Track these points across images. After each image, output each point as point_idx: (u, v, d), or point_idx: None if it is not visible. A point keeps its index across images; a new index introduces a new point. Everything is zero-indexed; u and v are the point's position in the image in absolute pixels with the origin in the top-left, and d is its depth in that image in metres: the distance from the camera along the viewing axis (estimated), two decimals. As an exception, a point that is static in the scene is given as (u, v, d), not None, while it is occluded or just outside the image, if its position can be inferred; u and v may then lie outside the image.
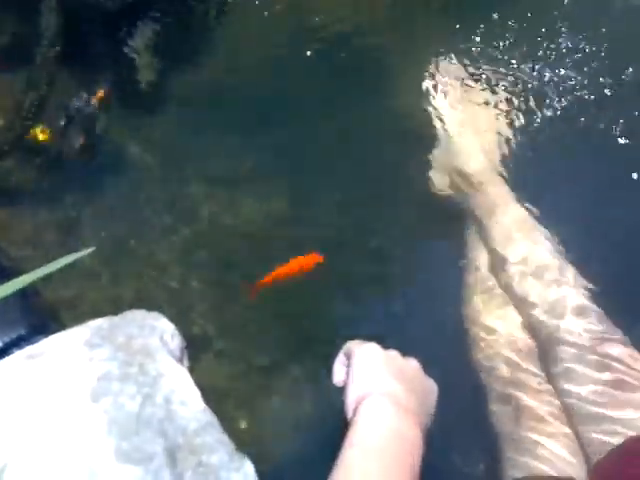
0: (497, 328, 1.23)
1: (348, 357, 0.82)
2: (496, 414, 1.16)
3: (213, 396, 1.26)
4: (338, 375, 0.83)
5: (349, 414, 0.76)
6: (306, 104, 1.55)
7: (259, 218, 1.43)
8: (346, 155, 1.51)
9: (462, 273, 1.32)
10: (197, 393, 0.62)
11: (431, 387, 0.84)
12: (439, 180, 1.42)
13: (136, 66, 1.51)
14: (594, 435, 1.04)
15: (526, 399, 1.13)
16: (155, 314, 0.71)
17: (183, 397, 0.60)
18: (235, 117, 1.52)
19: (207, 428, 0.59)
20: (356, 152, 1.51)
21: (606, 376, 1.07)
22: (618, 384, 1.05)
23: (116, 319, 0.71)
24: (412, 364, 0.83)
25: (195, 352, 1.28)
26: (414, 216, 1.43)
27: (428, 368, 0.84)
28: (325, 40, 1.61)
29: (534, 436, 1.09)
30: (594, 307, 1.16)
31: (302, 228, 1.42)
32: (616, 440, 1.01)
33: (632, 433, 1.01)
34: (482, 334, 1.23)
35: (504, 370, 1.18)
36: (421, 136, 1.48)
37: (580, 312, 1.15)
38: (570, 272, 1.21)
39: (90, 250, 0.74)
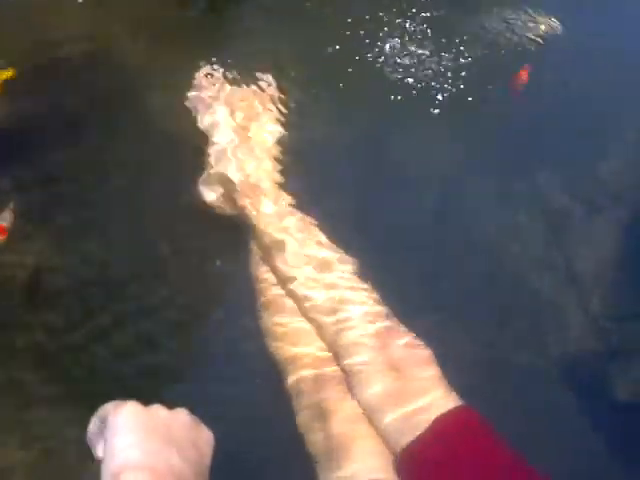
0: (297, 344, 1.18)
1: (104, 423, 0.71)
2: (307, 438, 1.11)
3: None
4: (97, 447, 0.71)
5: None
6: (67, 133, 1.41)
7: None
8: (117, 173, 1.40)
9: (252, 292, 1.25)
10: None
11: (205, 439, 0.74)
12: (210, 193, 1.34)
13: None
14: (391, 429, 1.04)
15: (332, 410, 1.10)
16: None
17: None
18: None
19: None
20: (127, 170, 1.41)
21: (393, 374, 1.07)
22: (405, 381, 1.06)
23: None
24: (180, 418, 0.73)
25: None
26: (188, 232, 1.35)
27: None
28: (79, 61, 1.49)
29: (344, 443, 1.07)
30: (375, 304, 1.15)
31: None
32: (409, 436, 1.01)
33: (427, 421, 1.01)
34: (283, 354, 1.18)
35: (310, 387, 1.13)
36: (191, 148, 1.39)
37: (361, 311, 1.14)
38: (350, 270, 1.19)
39: None
